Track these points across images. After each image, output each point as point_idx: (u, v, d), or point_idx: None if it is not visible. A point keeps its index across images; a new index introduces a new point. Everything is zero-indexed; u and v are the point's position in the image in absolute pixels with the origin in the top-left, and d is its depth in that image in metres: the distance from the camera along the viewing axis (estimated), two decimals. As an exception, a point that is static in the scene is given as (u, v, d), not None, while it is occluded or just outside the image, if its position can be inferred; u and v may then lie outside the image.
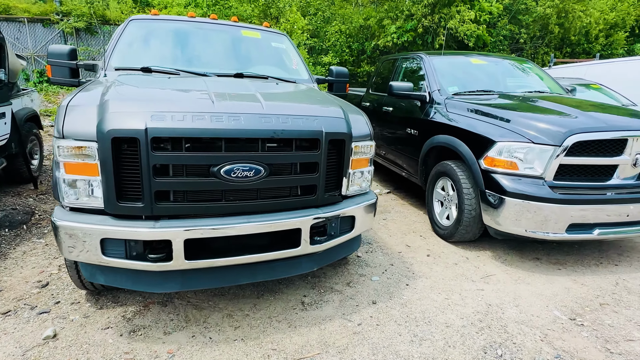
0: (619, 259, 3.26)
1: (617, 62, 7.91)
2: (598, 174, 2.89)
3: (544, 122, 2.90)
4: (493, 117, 3.16)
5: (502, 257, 3.26)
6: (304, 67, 3.67)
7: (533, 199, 2.76)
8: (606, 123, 2.83)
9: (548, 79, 4.45)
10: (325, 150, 2.16)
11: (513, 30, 9.93)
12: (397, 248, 3.44)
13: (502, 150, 2.91)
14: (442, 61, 4.33)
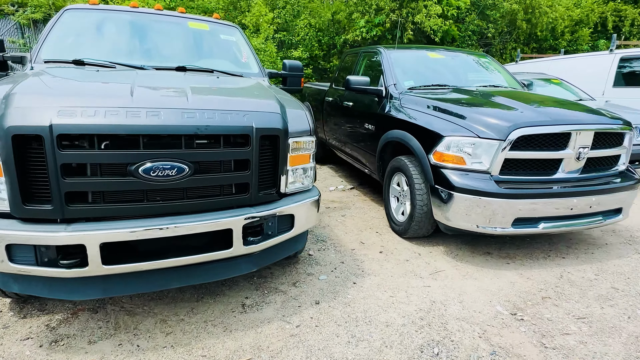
0: (567, 251, 3.30)
1: (578, 57, 8.09)
2: (544, 167, 2.90)
3: (490, 116, 2.88)
4: (443, 112, 3.13)
5: (454, 252, 3.25)
6: (255, 60, 3.55)
7: (480, 194, 2.75)
8: (550, 117, 2.84)
9: (505, 74, 4.47)
10: (257, 147, 2.07)
11: (481, 26, 10.02)
12: (351, 245, 3.38)
13: (450, 145, 2.89)
14: (399, 55, 4.28)
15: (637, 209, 4.40)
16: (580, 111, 3.06)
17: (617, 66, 7.23)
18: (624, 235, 3.66)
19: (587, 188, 2.87)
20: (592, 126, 2.85)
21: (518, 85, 4.32)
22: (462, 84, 3.97)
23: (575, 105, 3.27)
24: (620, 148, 3.09)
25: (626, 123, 3.09)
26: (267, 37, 8.35)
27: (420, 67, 4.23)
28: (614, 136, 3.05)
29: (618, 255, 3.23)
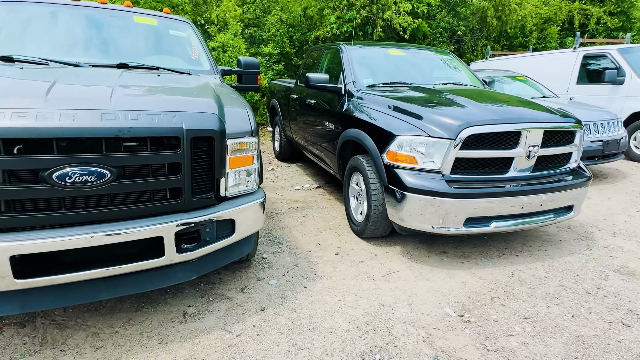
0: (521, 249, 3.31)
1: (544, 54, 8.23)
2: (495, 166, 2.89)
3: (443, 115, 2.85)
4: (398, 111, 3.09)
5: (411, 252, 3.22)
6: (207, 57, 3.42)
7: (432, 194, 2.71)
8: (501, 116, 2.83)
9: (466, 71, 4.47)
10: (189, 150, 1.96)
11: (452, 23, 10.09)
12: (308, 247, 3.31)
13: (403, 145, 2.84)
14: (360, 52, 4.22)
15: (593, 204, 4.49)
16: (532, 109, 3.07)
17: (581, 63, 7.39)
18: (578, 231, 3.72)
19: (538, 186, 2.87)
20: (541, 124, 2.86)
21: (479, 83, 4.32)
22: (422, 81, 3.94)
23: (529, 103, 3.27)
24: (571, 146, 3.11)
25: (577, 121, 3.11)
26: (236, 33, 8.16)
27: (380, 64, 4.18)
28: (565, 134, 3.07)
29: (570, 252, 3.26)
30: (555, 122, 2.94)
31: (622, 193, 4.91)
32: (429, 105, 3.08)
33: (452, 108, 2.99)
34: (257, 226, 2.43)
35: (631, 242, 3.48)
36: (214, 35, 8.14)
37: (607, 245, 3.41)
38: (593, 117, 5.18)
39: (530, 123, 2.82)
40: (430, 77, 4.06)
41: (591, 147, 5.06)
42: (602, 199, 4.67)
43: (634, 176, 5.71)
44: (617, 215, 4.14)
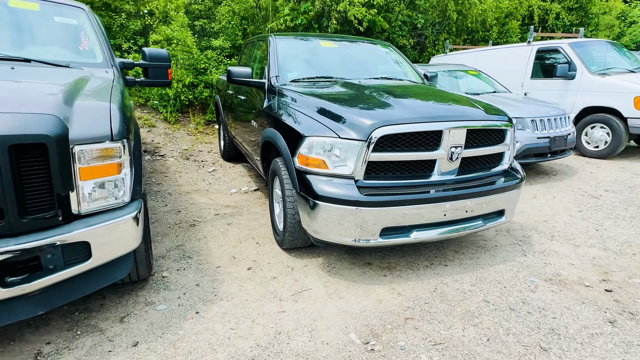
0: (452, 257, 3.07)
1: (500, 49, 8.11)
2: (416, 170, 2.62)
3: (356, 114, 2.54)
4: (312, 109, 2.76)
5: (332, 265, 2.92)
6: (101, 48, 2.99)
7: (343, 203, 2.41)
8: (419, 114, 2.54)
9: (404, 65, 4.19)
10: (7, 160, 1.57)
11: (412, 16, 9.87)
12: (220, 261, 2.96)
13: (312, 147, 2.52)
14: (288, 44, 3.87)
15: (537, 204, 4.32)
16: (458, 106, 2.80)
17: (535, 58, 7.29)
18: (516, 235, 3.52)
19: (462, 191, 2.61)
20: (465, 123, 2.59)
21: (417, 77, 4.06)
22: (352, 76, 3.63)
23: (458, 100, 3.00)
24: (501, 146, 2.87)
25: (508, 119, 2.87)
26: (182, 25, 7.64)
27: (309, 57, 3.85)
28: (494, 133, 2.83)
29: (503, 259, 3.04)
30: (481, 120, 2.68)
31: (567, 191, 4.78)
32: (347, 102, 2.77)
33: (372, 106, 2.69)
34: (128, 246, 2.06)
35: (567, 245, 3.29)
36: (156, 27, 7.61)
37: (543, 250, 3.21)
38: (539, 112, 5.03)
39: (452, 121, 2.55)
40: (363, 71, 3.76)
41: (537, 145, 4.91)
42: (547, 198, 4.52)
43: (582, 172, 5.62)
44: (559, 215, 3.98)
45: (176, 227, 3.64)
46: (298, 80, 3.47)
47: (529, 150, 4.86)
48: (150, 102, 8.09)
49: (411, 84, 3.46)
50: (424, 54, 11.08)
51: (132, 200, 2.12)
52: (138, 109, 8.09)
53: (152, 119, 7.94)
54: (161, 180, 5.23)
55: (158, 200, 4.40)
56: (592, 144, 6.48)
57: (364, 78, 3.59)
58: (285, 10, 8.38)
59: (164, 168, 5.84)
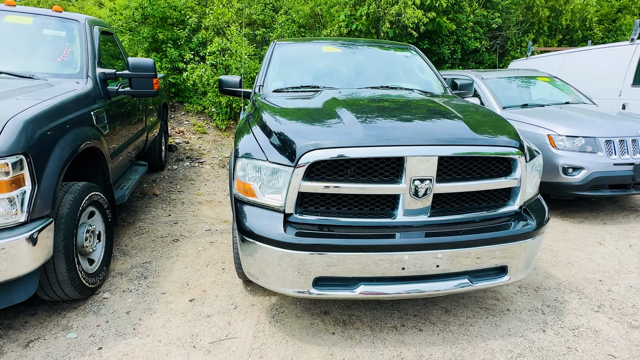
0: (438, 318, 2.36)
1: (593, 50, 6.63)
2: (370, 207, 2.04)
3: (293, 132, 2.07)
4: (261, 124, 2.36)
5: (282, 309, 2.47)
6: (81, 59, 3.01)
7: (264, 241, 1.97)
8: (370, 135, 1.96)
9: (424, 72, 3.51)
10: None
11: (487, 16, 8.65)
12: (170, 287, 2.73)
13: (244, 170, 2.12)
14: (286, 50, 3.52)
15: (600, 254, 3.24)
16: (434, 124, 2.14)
17: (639, 60, 5.76)
18: (546, 296, 2.62)
19: (430, 239, 1.96)
20: (434, 148, 1.93)
21: (439, 86, 3.36)
22: (349, 84, 3.12)
23: (448, 116, 2.28)
24: (505, 180, 2.11)
25: (516, 144, 2.10)
26: (231, 37, 7.80)
27: (307, 64, 3.43)
28: (492, 163, 2.09)
29: (507, 333, 2.24)
30: (463, 145, 1.98)
31: (656, 238, 3.53)
32: (299, 118, 2.30)
33: (317, 123, 2.18)
34: (20, 268, 1.91)
35: (618, 324, 2.32)
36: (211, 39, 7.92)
37: (577, 326, 2.31)
38: (620, 131, 3.83)
39: (415, 146, 1.92)
40: (363, 79, 3.20)
41: (614, 173, 3.73)
42: (618, 247, 3.38)
43: (693, 213, 4.16)
44: (625, 275, 2.90)
45: (159, 240, 3.53)
46: (281, 90, 3.08)
47: (600, 180, 3.73)
48: (207, 110, 8.44)
49: (406, 95, 2.79)
50: (504, 58, 9.72)
51: (34, 220, 1.99)
52: (195, 116, 8.50)
53: (205, 125, 8.26)
54: (185, 187, 5.28)
55: (166, 209, 4.39)
56: None
57: (358, 87, 3.05)
58: (341, 16, 8.04)
59: (195, 175, 5.93)
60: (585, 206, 4.41)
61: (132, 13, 8.15)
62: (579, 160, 3.76)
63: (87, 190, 2.49)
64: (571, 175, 3.78)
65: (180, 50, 8.54)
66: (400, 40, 8.19)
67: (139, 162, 4.39)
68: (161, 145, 5.77)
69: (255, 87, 3.21)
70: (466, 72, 5.49)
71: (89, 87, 2.86)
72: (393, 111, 2.33)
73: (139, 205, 4.49)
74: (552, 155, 3.87)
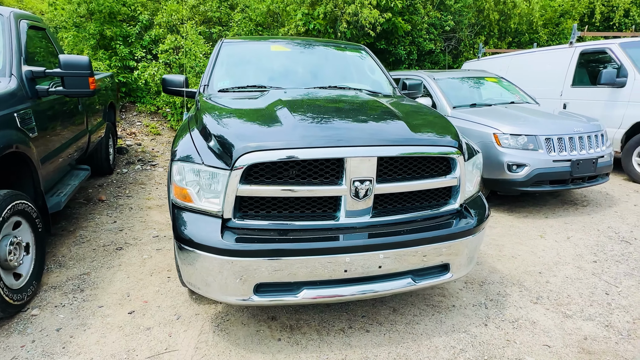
0: (385, 318, 2.37)
1: (536, 52, 6.99)
2: (312, 209, 2.00)
3: (231, 134, 2.00)
4: (201, 126, 2.26)
5: (228, 317, 2.38)
6: (4, 57, 2.77)
7: (201, 249, 1.88)
8: (309, 136, 1.93)
9: (374, 72, 3.53)
10: None
11: (441, 18, 8.92)
12: (109, 299, 2.56)
13: (180, 174, 2.02)
14: (233, 48, 3.43)
15: (540, 246, 3.39)
16: (376, 124, 2.14)
17: (577, 62, 6.13)
18: (490, 290, 2.70)
19: (372, 240, 1.95)
20: (373, 149, 1.92)
21: (388, 86, 3.38)
22: (297, 84, 3.07)
23: (391, 116, 2.29)
24: (445, 179, 2.14)
25: (455, 144, 2.13)
26: (186, 34, 7.55)
27: (255, 63, 3.35)
28: (432, 162, 2.11)
29: (451, 329, 2.29)
30: (403, 145, 1.99)
31: (591, 230, 3.75)
32: (248, 120, 2.23)
33: (257, 124, 2.12)
34: None
35: (554, 314, 2.43)
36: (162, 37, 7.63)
37: (517, 318, 2.39)
38: (559, 129, 4.04)
39: (355, 147, 1.91)
40: (312, 79, 3.16)
41: (554, 169, 3.93)
42: (558, 239, 3.56)
43: (623, 205, 4.47)
44: (563, 266, 3.05)
45: (101, 249, 3.33)
46: (227, 89, 2.99)
47: (541, 176, 3.91)
48: (161, 110, 8.12)
49: (352, 95, 2.78)
50: (459, 59, 10.05)
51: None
52: (148, 116, 8.15)
53: (159, 126, 7.94)
54: (134, 192, 5.02)
55: (111, 215, 4.16)
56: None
57: (306, 88, 3.01)
58: (298, 15, 7.98)
59: (147, 179, 5.67)
60: (529, 201, 4.63)
61: (76, 7, 7.68)
62: (522, 157, 3.93)
63: (8, 199, 2.28)
64: (515, 172, 3.94)
65: (132, 48, 8.16)
66: (357, 40, 8.26)
67: (80, 167, 4.12)
68: (108, 147, 5.47)
69: (201, 86, 3.09)
70: (419, 73, 5.60)
71: (12, 87, 2.64)
72: (336, 112, 2.31)
73: (82, 212, 4.22)
74: (497, 153, 4.01)
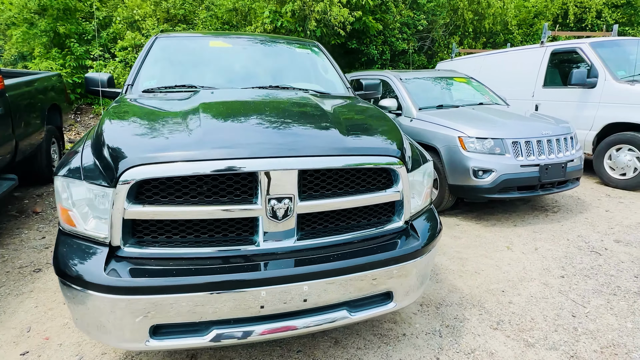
0: (324, 352, 2.06)
1: (508, 52, 6.84)
2: (223, 233, 1.67)
3: (120, 144, 1.65)
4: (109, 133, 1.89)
5: (139, 356, 2.03)
6: None
7: (80, 284, 1.53)
8: (215, 145, 1.60)
9: (329, 72, 3.23)
10: None
11: (414, 17, 8.73)
12: (6, 335, 2.18)
13: (65, 192, 1.66)
14: (166, 43, 3.08)
15: (506, 259, 3.14)
16: (300, 130, 1.83)
17: (548, 62, 5.98)
18: (447, 314, 2.42)
19: (294, 270, 1.63)
20: (292, 161, 1.61)
21: (342, 86, 3.08)
22: (233, 83, 2.74)
23: (319, 119, 1.99)
24: (386, 194, 1.84)
25: (393, 152, 1.83)
26: (147, 32, 7.13)
27: (187, 60, 2.99)
28: (368, 174, 1.81)
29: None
30: (330, 155, 1.68)
31: (560, 240, 3.52)
32: (151, 126, 1.88)
33: (159, 132, 1.78)
34: None
35: (515, 342, 2.16)
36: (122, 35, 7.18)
37: (473, 349, 2.11)
38: (526, 132, 3.82)
39: (269, 158, 1.59)
40: (252, 78, 2.83)
41: (521, 175, 3.70)
42: (525, 250, 3.32)
43: (595, 210, 4.28)
44: (528, 282, 2.80)
45: (16, 272, 2.92)
46: (152, 90, 2.63)
47: (508, 182, 3.68)
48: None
49: (290, 97, 2.44)
50: (434, 59, 9.88)
51: None
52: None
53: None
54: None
55: (42, 230, 3.74)
56: (617, 171, 5.06)
57: (242, 87, 2.68)
58: (265, 12, 7.64)
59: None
60: (499, 208, 4.40)
61: (26, 2, 7.16)
62: (488, 162, 3.68)
63: None
64: (481, 178, 3.70)
65: (88, 47, 7.68)
66: (328, 39, 7.97)
67: (4, 176, 3.69)
68: (50, 154, 5.02)
69: (125, 86, 2.72)
70: (386, 73, 5.33)
71: None
72: (260, 117, 1.98)
73: (9, 226, 3.79)
74: (462, 158, 3.76)
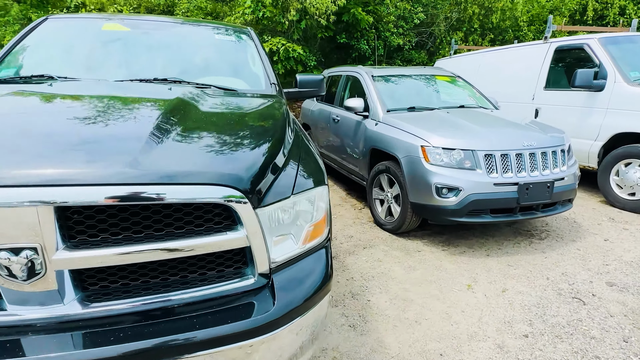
0: None
1: (508, 49, 6.09)
2: None
3: None
4: None
5: None
6: None
7: None
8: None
9: (256, 64, 2.65)
10: None
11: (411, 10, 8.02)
12: None
13: None
14: (51, 26, 2.53)
15: (464, 306, 2.50)
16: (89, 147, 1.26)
17: (551, 60, 5.23)
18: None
19: (59, 357, 1.07)
20: (43, 191, 1.04)
21: (263, 83, 2.50)
22: (107, 75, 2.19)
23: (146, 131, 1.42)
24: (224, 237, 1.25)
25: (230, 180, 1.24)
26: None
27: (63, 45, 2.43)
28: (194, 210, 1.23)
29: None
30: (117, 185, 1.11)
31: (538, 279, 2.85)
32: None
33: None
34: None
35: None
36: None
37: None
38: (505, 143, 3.14)
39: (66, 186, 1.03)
40: (137, 69, 2.26)
41: (494, 195, 3.04)
42: (489, 293, 2.67)
43: (590, 239, 3.56)
44: (479, 342, 2.16)
45: None
46: (5, 80, 2.10)
47: (478, 204, 3.02)
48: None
49: (160, 94, 1.85)
50: (436, 57, 9.14)
51: None
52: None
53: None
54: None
55: None
56: (625, 189, 4.31)
57: (116, 80, 2.12)
58: (247, 2, 7.10)
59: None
60: (476, 230, 3.73)
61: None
62: (454, 178, 3.03)
63: None
64: (445, 197, 3.05)
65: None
66: (314, 32, 7.38)
67: None
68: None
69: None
70: (357, 69, 4.71)
71: None
72: (72, 121, 1.41)
73: None
74: (424, 172, 3.12)
